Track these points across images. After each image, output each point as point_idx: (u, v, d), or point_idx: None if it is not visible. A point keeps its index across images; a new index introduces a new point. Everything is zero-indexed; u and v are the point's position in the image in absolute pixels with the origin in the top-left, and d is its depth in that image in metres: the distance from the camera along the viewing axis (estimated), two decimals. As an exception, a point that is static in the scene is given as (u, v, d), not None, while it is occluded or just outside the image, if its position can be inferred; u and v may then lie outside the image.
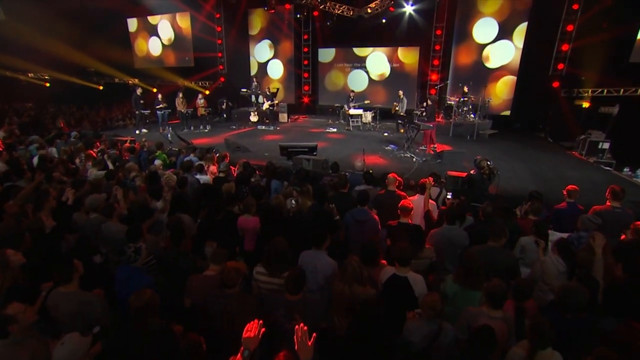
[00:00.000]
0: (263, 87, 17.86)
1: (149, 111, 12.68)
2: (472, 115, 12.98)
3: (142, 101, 12.10)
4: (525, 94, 13.77)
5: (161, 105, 12.49)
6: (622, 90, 12.06)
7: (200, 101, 13.25)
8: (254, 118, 14.69)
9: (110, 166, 6.79)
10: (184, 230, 3.83)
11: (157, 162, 6.96)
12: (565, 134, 12.10)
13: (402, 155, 9.25)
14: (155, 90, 17.66)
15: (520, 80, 13.81)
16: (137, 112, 12.42)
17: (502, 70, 14.02)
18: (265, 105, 13.99)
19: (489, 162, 6.09)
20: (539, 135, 13.35)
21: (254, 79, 15.50)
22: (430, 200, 4.84)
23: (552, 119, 13.14)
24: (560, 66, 12.72)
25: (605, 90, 12.21)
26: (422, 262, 3.89)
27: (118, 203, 4.55)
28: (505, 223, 4.22)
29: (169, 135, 10.78)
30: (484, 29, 14.02)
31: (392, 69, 15.97)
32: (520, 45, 13.47)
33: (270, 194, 6.15)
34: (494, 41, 13.90)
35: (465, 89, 13.11)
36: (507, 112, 14.54)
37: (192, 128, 13.06)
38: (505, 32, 13.64)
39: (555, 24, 12.70)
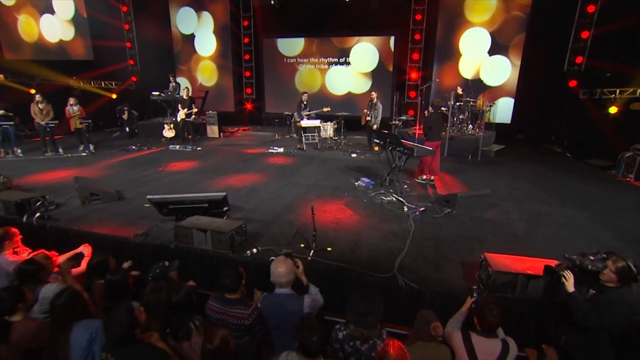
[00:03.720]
0: (194, 76, 13.73)
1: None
2: (470, 126, 9.82)
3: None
4: (530, 97, 10.92)
5: (-1, 113, 8.21)
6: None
7: (74, 108, 9.06)
8: (168, 133, 10.75)
9: None
10: None
11: None
12: (590, 148, 9.28)
13: (384, 200, 5.71)
14: (33, 91, 13.12)
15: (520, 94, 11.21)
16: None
17: (497, 91, 11.24)
18: (181, 115, 10.06)
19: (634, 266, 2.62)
20: (553, 149, 10.48)
21: (171, 78, 11.52)
22: None
23: (569, 128, 10.32)
24: (579, 59, 9.91)
25: (639, 91, 9.45)
26: None
27: None
28: None
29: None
30: (473, 42, 11.45)
31: (380, 63, 12.67)
32: (518, 62, 11.10)
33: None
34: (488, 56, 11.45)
35: (460, 91, 9.98)
36: (507, 120, 11.67)
37: (60, 150, 8.83)
38: (499, 46, 11.21)
39: (570, 8, 9.91)
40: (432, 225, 4.85)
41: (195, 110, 10.08)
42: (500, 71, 11.34)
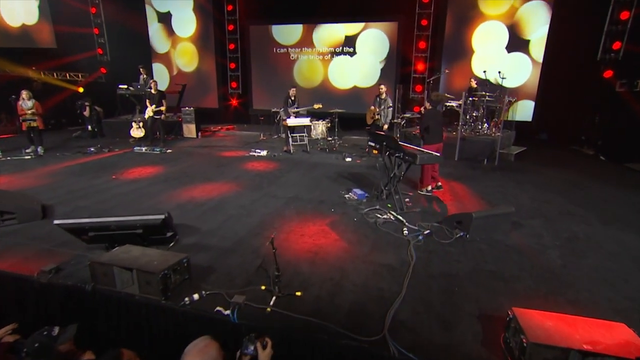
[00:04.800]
0: (172, 62, 12.81)
1: None
2: (485, 125, 8.91)
3: None
4: (555, 90, 10.04)
5: None
6: None
7: (28, 103, 8.21)
8: (137, 133, 9.93)
9: None
10: None
11: None
12: (630, 150, 8.39)
13: (379, 219, 4.82)
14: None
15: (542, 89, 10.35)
16: None
17: (516, 93, 10.33)
18: (148, 112, 9.22)
19: None
20: (584, 151, 9.58)
21: (141, 69, 10.67)
22: None
23: (603, 126, 9.40)
24: (617, 45, 8.97)
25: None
26: None
27: None
28: None
29: None
30: (488, 37, 10.70)
31: (391, 52, 11.79)
32: (540, 58, 10.33)
33: None
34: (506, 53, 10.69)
35: (474, 84, 9.11)
36: (528, 118, 10.78)
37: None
38: (519, 41, 10.44)
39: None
40: (439, 255, 3.95)
41: (164, 107, 9.18)
42: (520, 71, 10.50)
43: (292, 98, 8.95)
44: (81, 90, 12.64)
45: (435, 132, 5.74)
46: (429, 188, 5.90)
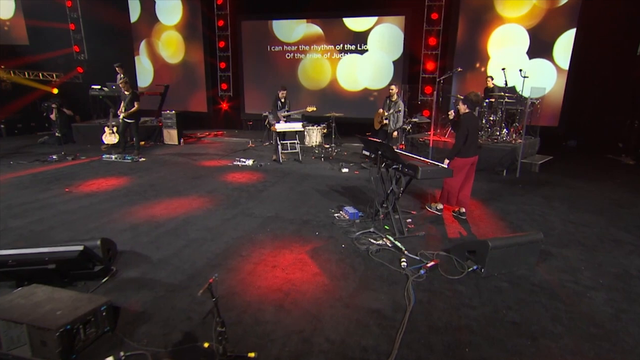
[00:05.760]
0: (157, 53, 12.24)
1: None
2: (504, 130, 8.18)
3: None
4: (584, 90, 9.34)
5: None
6: None
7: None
8: (110, 139, 9.41)
9: None
10: None
11: None
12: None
13: (372, 245, 4.11)
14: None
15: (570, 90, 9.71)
16: None
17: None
18: (122, 113, 8.66)
19: None
20: (621, 160, 8.83)
21: (117, 68, 10.14)
22: None
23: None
24: (658, 39, 8.25)
25: None
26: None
27: None
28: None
29: None
30: (506, 42, 10.17)
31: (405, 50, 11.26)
32: (565, 65, 9.74)
33: None
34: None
35: (490, 84, 8.42)
36: (554, 123, 10.06)
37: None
38: (541, 46, 9.87)
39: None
40: (445, 297, 3.22)
41: (134, 108, 8.55)
42: (543, 79, 9.78)
43: (282, 100, 8.31)
44: (55, 91, 12.13)
45: (472, 142, 4.90)
46: (439, 206, 5.18)
